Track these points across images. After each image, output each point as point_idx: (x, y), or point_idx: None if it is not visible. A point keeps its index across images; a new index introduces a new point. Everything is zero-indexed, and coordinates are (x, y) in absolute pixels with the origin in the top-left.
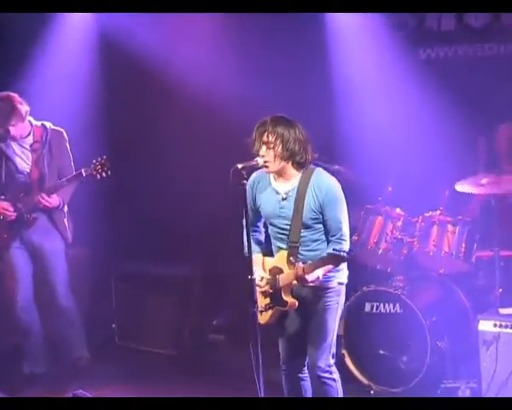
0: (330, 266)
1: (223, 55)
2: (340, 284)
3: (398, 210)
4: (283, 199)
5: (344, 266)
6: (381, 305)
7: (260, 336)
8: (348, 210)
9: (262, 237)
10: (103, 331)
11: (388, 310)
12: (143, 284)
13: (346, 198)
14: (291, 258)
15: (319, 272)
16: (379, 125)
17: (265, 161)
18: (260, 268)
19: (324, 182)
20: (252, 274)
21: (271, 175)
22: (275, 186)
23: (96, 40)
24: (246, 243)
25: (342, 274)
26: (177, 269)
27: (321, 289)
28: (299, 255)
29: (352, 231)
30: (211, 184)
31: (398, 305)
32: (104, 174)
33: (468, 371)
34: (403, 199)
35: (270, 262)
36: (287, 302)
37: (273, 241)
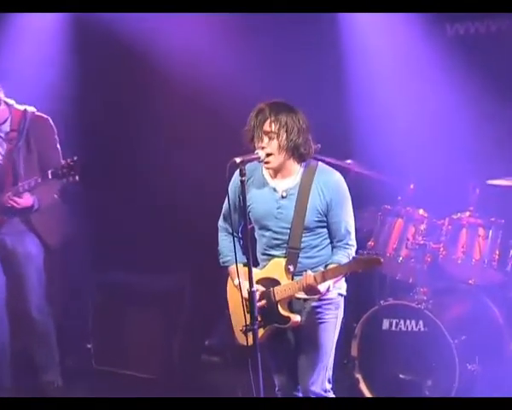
0: (341, 276)
1: (225, 46)
2: (341, 295)
3: (420, 211)
4: (282, 198)
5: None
6: (402, 322)
7: (258, 358)
8: (362, 211)
9: (241, 244)
10: (78, 352)
11: (410, 327)
12: (125, 297)
13: (358, 197)
14: (289, 267)
15: (330, 283)
16: (398, 114)
17: (268, 154)
18: (245, 279)
19: (331, 179)
20: (251, 286)
21: (265, 170)
22: (271, 183)
23: (71, 24)
24: (224, 250)
25: (342, 284)
26: (164, 281)
27: (318, 301)
28: (298, 264)
29: (368, 235)
30: (203, 182)
31: (421, 322)
32: (71, 179)
33: (502, 397)
34: (426, 198)
35: (259, 273)
36: (287, 319)
37: (262, 248)
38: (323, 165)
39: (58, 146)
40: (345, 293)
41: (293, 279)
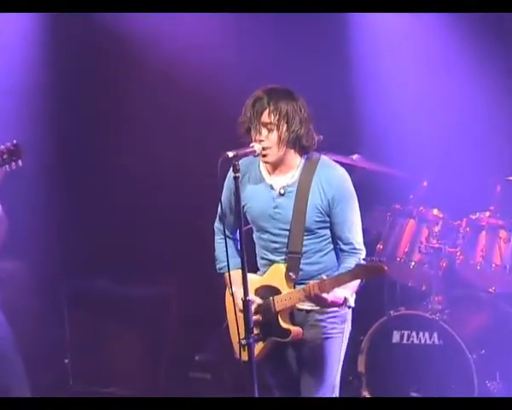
0: (357, 285)
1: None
2: (348, 306)
3: (435, 211)
4: (280, 195)
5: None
6: (414, 334)
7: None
8: (370, 211)
9: (239, 248)
10: (53, 371)
11: (423, 340)
12: (105, 308)
13: (366, 196)
14: (291, 273)
15: (346, 293)
16: (409, 104)
17: (265, 148)
18: (241, 287)
19: (334, 174)
20: (246, 294)
21: (262, 165)
22: (268, 179)
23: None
24: (220, 255)
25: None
26: (149, 289)
27: (322, 314)
28: (300, 271)
29: (376, 238)
30: (193, 179)
31: (435, 334)
32: (14, 165)
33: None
34: (441, 197)
35: (258, 280)
36: (288, 331)
37: (261, 252)
38: (326, 158)
39: None
40: (352, 304)
41: (294, 288)
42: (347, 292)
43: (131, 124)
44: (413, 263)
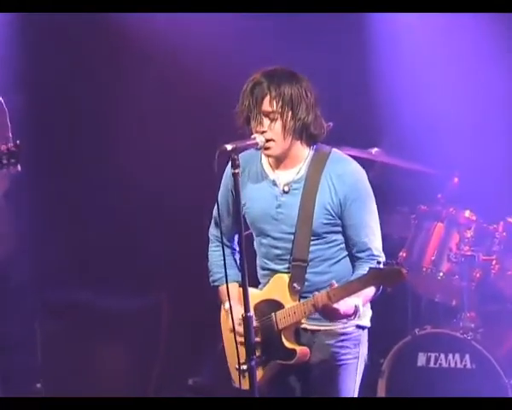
0: (371, 293)
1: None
2: (361, 327)
3: (467, 213)
4: (284, 193)
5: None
6: (442, 356)
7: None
8: (391, 213)
9: (237, 258)
10: (24, 394)
11: (453, 363)
12: (85, 323)
13: (386, 195)
14: (295, 284)
15: (357, 301)
16: (436, 92)
17: (268, 140)
18: (238, 303)
19: (347, 168)
20: (247, 310)
21: (264, 159)
22: (271, 174)
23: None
24: (214, 266)
25: (364, 312)
26: (136, 301)
27: (330, 336)
28: (306, 282)
29: (399, 244)
30: (186, 176)
31: (467, 356)
32: (11, 168)
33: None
34: (475, 196)
35: (257, 294)
36: (293, 352)
37: (261, 261)
38: (338, 152)
39: (9, 130)
40: (367, 324)
41: (299, 301)
42: (358, 300)
43: (125, 122)
44: (441, 274)
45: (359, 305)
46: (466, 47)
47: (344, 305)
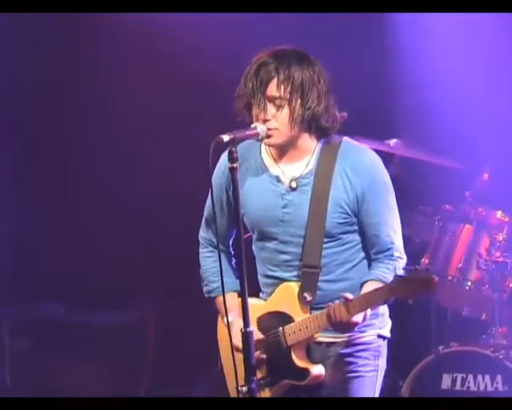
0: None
1: None
2: (382, 337)
3: (499, 214)
4: (291, 189)
5: (387, 307)
6: (470, 377)
7: None
8: (413, 213)
9: (234, 264)
10: None
11: (482, 386)
12: (60, 339)
13: (408, 193)
14: (305, 294)
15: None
16: (465, 77)
17: (271, 129)
18: (239, 316)
19: (363, 159)
20: (247, 325)
21: (265, 150)
22: (273, 168)
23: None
24: (208, 274)
25: (383, 321)
26: (117, 315)
27: (347, 347)
28: (318, 291)
29: (421, 248)
30: (176, 172)
31: (499, 377)
32: None
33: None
34: (507, 195)
35: (261, 306)
36: (306, 371)
37: (265, 267)
38: (350, 141)
39: None
40: (388, 335)
41: (311, 313)
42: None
43: (106, 117)
44: (469, 283)
45: (367, 312)
46: (496, 38)
47: (358, 317)
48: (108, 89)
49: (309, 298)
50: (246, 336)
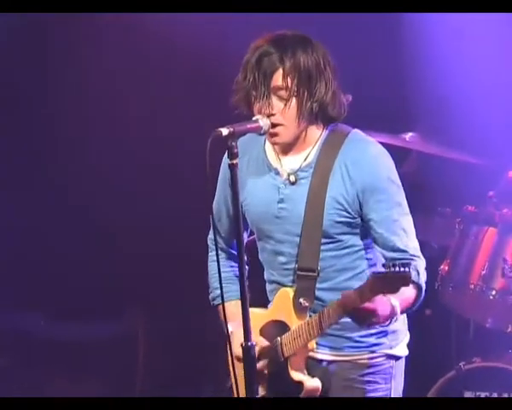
0: (411, 298)
1: None
2: (394, 357)
3: None
4: (290, 184)
5: (402, 322)
6: (495, 396)
7: None
8: (431, 215)
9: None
10: None
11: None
12: (40, 355)
13: (425, 193)
14: (301, 300)
15: (395, 302)
16: (488, 65)
17: (276, 125)
18: (238, 325)
19: (365, 152)
20: (248, 339)
21: (268, 143)
22: (274, 162)
23: None
24: (213, 279)
25: (396, 339)
26: (104, 328)
27: (353, 368)
28: (316, 300)
29: (440, 254)
30: (169, 171)
31: None
32: None
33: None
34: None
35: (262, 315)
36: (300, 385)
37: (267, 273)
38: (359, 133)
39: None
40: (402, 353)
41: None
42: (395, 301)
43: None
44: (494, 292)
45: (397, 307)
46: None
47: (380, 303)
48: (108, 89)
49: (305, 304)
50: (246, 350)
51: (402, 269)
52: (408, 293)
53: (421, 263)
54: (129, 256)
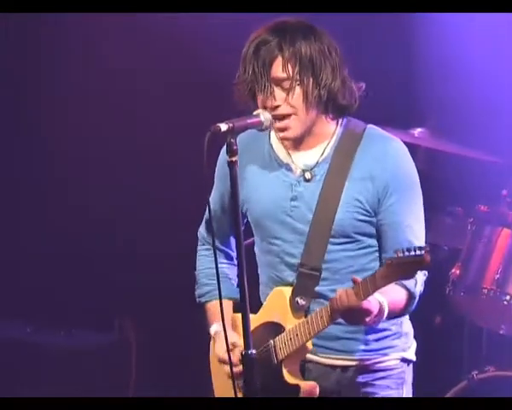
0: (398, 298)
1: None
2: (406, 361)
3: None
4: (305, 180)
5: (409, 325)
6: None
7: None
8: (441, 215)
9: (234, 272)
10: None
11: None
12: (25, 365)
13: (434, 191)
14: (298, 299)
15: (382, 299)
16: (500, 58)
17: (284, 117)
18: (231, 327)
19: (388, 149)
20: (248, 348)
21: (274, 137)
22: (284, 157)
23: None
24: (202, 275)
25: (408, 341)
26: (92, 337)
27: (363, 372)
28: (313, 299)
29: (451, 256)
30: (164, 170)
31: None
32: None
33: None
34: None
35: (254, 318)
36: (297, 388)
37: (267, 275)
38: (376, 129)
39: None
40: (413, 357)
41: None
42: (382, 298)
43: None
44: (508, 297)
45: (384, 304)
46: None
47: (367, 301)
48: (107, 89)
49: (302, 303)
50: (246, 359)
51: (418, 252)
52: (398, 295)
53: (421, 274)
54: (119, 264)
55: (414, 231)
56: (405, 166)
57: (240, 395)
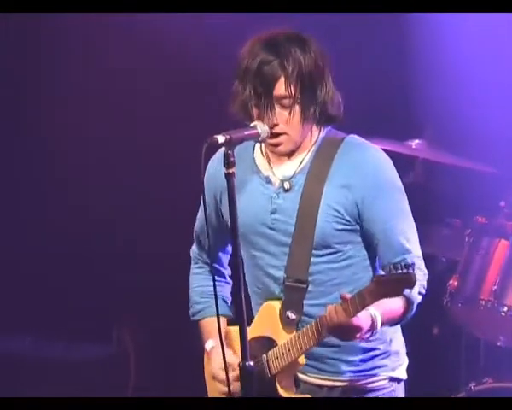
0: (395, 307)
1: None
2: (395, 380)
3: None
4: (285, 191)
5: (402, 344)
6: None
7: None
8: (438, 226)
9: (226, 289)
10: None
11: None
12: (24, 378)
13: (432, 203)
14: (288, 313)
15: (374, 311)
16: (498, 68)
17: (279, 134)
18: (225, 344)
19: (365, 156)
20: (246, 358)
21: (257, 150)
22: (264, 169)
23: None
24: (195, 294)
25: (398, 360)
26: (90, 349)
27: (351, 393)
28: (303, 316)
29: (448, 268)
30: (164, 170)
31: None
32: None
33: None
34: None
35: (248, 330)
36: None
37: (256, 289)
38: (355, 138)
39: None
40: (403, 376)
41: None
42: (375, 311)
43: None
44: (505, 309)
45: (377, 316)
46: None
47: (357, 318)
48: (107, 89)
49: (293, 317)
50: (244, 371)
51: (405, 270)
52: (394, 304)
53: (420, 275)
54: (119, 265)
55: (404, 232)
56: (385, 172)
57: None
